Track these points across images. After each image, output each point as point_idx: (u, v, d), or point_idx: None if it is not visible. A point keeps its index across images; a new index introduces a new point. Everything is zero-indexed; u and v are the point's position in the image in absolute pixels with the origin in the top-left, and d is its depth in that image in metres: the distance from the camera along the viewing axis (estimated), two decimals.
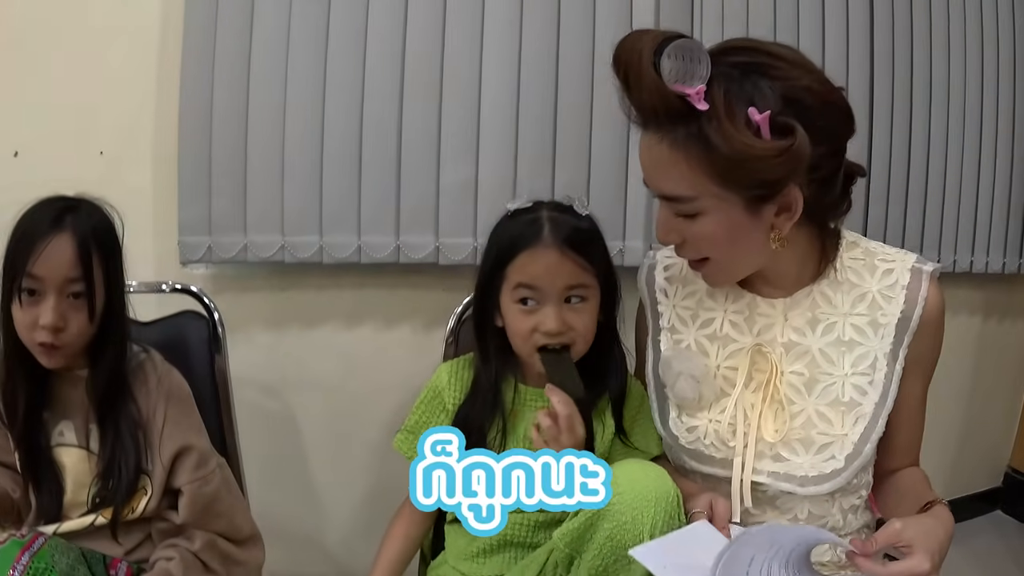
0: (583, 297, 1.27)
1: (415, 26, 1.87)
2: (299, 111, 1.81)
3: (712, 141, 1.05)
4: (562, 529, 1.14)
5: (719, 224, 1.13)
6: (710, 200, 1.11)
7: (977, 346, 2.99)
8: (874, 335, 1.23)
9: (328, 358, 2.02)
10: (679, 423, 1.30)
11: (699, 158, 1.07)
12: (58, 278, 1.17)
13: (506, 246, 1.28)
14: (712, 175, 1.08)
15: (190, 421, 1.33)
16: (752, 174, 1.07)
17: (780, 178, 1.08)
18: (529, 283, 1.25)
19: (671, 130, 1.08)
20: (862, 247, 1.28)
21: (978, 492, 3.15)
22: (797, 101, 1.07)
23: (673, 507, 1.09)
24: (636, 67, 1.05)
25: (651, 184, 1.17)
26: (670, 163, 1.10)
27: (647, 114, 1.10)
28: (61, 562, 1.09)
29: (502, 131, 1.96)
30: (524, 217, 1.29)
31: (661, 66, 1.03)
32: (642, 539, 1.06)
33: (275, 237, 1.83)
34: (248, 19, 1.76)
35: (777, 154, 1.04)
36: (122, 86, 1.77)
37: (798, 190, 1.10)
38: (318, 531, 2.11)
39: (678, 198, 1.13)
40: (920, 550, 1.00)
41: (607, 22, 2.02)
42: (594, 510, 1.08)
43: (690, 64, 1.04)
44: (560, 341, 1.26)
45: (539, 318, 1.25)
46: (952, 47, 2.59)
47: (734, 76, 1.07)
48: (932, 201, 2.61)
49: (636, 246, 2.07)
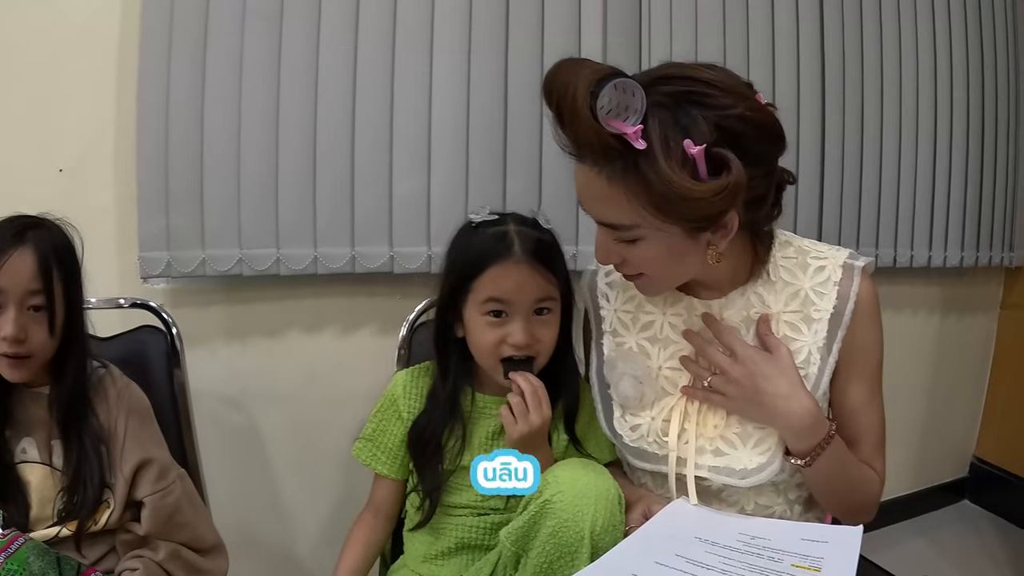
0: (550, 309, 1.30)
1: (366, 40, 1.89)
2: (253, 127, 1.83)
3: (650, 178, 1.05)
4: (508, 528, 1.16)
5: (659, 248, 1.15)
6: (648, 227, 1.12)
7: (938, 340, 3.05)
8: (807, 330, 1.25)
9: (289, 368, 2.03)
10: (623, 422, 1.32)
11: (637, 192, 1.07)
12: (19, 290, 1.19)
13: (474, 260, 1.28)
14: (651, 207, 1.08)
15: (150, 434, 1.34)
16: (691, 212, 1.08)
17: (719, 212, 1.09)
18: (500, 297, 1.26)
19: (608, 164, 1.08)
20: (795, 246, 1.30)
21: (945, 483, 3.21)
22: (731, 130, 1.07)
23: (613, 504, 1.11)
24: (571, 105, 1.02)
25: (590, 212, 1.18)
26: (609, 196, 1.10)
27: (582, 149, 1.09)
28: (35, 565, 1.10)
29: (453, 141, 1.98)
30: (490, 230, 1.30)
31: (597, 105, 1.01)
32: (583, 536, 1.08)
33: (232, 251, 1.85)
34: (202, 38, 1.77)
35: (716, 193, 1.04)
36: (81, 104, 1.78)
37: (734, 212, 1.12)
38: (286, 540, 2.12)
39: (618, 226, 1.14)
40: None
41: (555, 32, 2.04)
42: (538, 509, 1.11)
43: (625, 101, 1.03)
44: (526, 353, 1.28)
45: (507, 330, 1.27)
46: (903, 43, 2.63)
47: (668, 106, 1.06)
48: (887, 198, 2.64)
49: (589, 251, 2.02)
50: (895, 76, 2.63)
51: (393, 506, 1.44)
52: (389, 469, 1.39)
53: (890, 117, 2.63)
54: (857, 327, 1.26)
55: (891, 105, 2.63)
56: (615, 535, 1.11)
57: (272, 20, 1.82)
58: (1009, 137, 2.96)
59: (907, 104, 2.67)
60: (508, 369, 1.28)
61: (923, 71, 2.69)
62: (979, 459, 3.27)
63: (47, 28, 1.74)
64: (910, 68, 2.66)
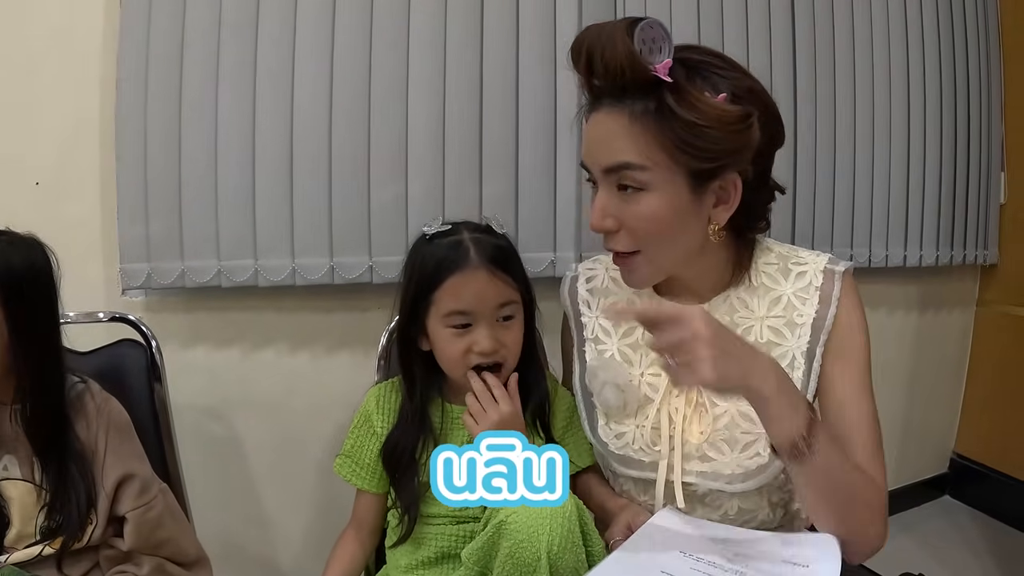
0: (512, 314, 1.29)
1: (342, 49, 1.90)
2: (230, 137, 1.83)
3: (674, 111, 1.09)
4: (469, 548, 1.16)
5: (661, 202, 1.15)
6: (659, 173, 1.13)
7: (916, 338, 3.08)
8: (791, 335, 1.25)
9: (269, 379, 2.03)
10: (608, 430, 1.32)
11: (655, 131, 1.11)
12: None
13: (431, 271, 1.27)
14: (666, 146, 1.11)
15: (131, 448, 1.34)
16: (707, 141, 1.10)
17: (732, 149, 1.12)
18: (462, 308, 1.26)
19: (631, 103, 1.12)
20: (776, 251, 1.31)
21: (925, 479, 3.24)
22: (743, 98, 1.13)
23: (571, 522, 1.10)
24: (608, 44, 1.08)
25: (599, 155, 1.18)
26: (626, 133, 1.13)
27: (610, 87, 1.13)
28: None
29: (429, 148, 1.98)
30: (445, 241, 1.29)
31: (635, 38, 1.07)
32: (539, 555, 1.06)
33: (211, 262, 1.85)
34: (179, 49, 1.78)
35: (737, 119, 1.10)
36: (57, 117, 1.78)
37: (738, 178, 1.15)
38: (269, 550, 2.12)
39: (628, 164, 1.14)
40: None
41: (530, 38, 2.06)
42: (495, 530, 1.10)
43: (658, 41, 1.09)
44: (494, 360, 1.28)
45: (473, 338, 1.26)
46: (876, 39, 2.66)
47: (691, 65, 1.13)
48: (861, 197, 2.65)
49: (567, 256, 2.10)
50: (867, 73, 2.65)
51: (375, 520, 1.43)
52: (369, 484, 1.39)
53: (863, 115, 2.65)
54: (840, 330, 1.25)
55: (864, 103, 2.65)
56: (575, 551, 1.10)
57: (248, 31, 1.83)
58: (982, 136, 2.98)
59: (880, 102, 2.69)
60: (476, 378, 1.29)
61: (895, 68, 2.71)
62: (959, 455, 3.30)
63: (23, 40, 1.74)
64: (882, 64, 2.68)
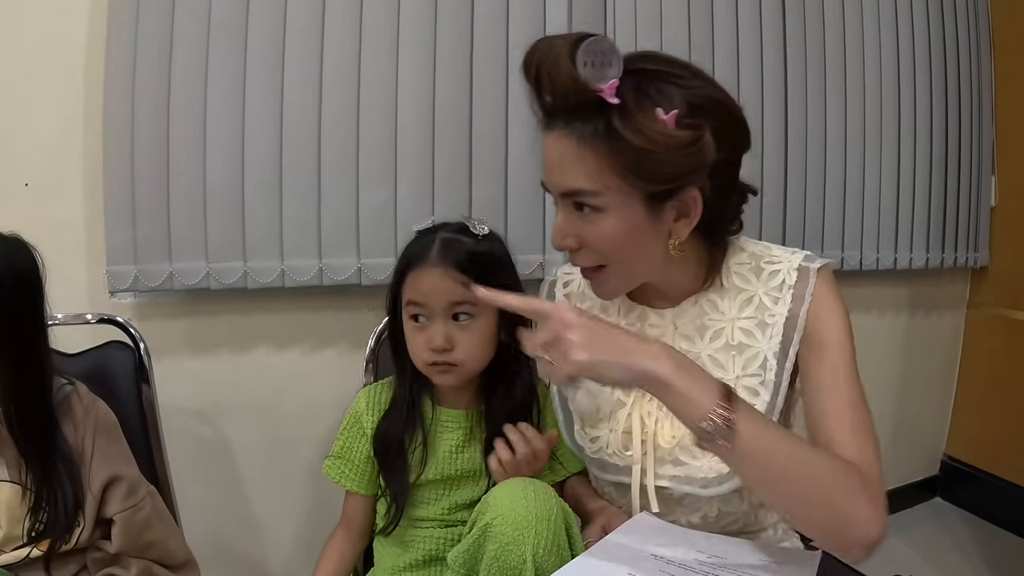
0: (469, 315, 1.30)
1: (330, 51, 1.90)
2: (219, 139, 1.83)
3: (621, 135, 1.06)
4: (455, 551, 1.17)
5: (619, 223, 1.13)
6: (613, 196, 1.11)
7: (907, 340, 3.08)
8: (762, 336, 1.23)
9: (258, 381, 2.03)
10: (583, 434, 1.32)
11: (606, 154, 1.08)
12: None
13: (401, 264, 1.34)
14: (617, 169, 1.09)
15: (118, 451, 1.34)
16: (658, 166, 1.08)
17: (685, 172, 1.09)
18: (417, 300, 1.29)
19: (580, 126, 1.09)
20: (748, 251, 1.29)
21: (917, 481, 3.25)
22: (701, 107, 1.09)
23: (557, 525, 1.10)
24: (552, 63, 1.06)
25: (554, 179, 1.17)
26: (576, 157, 1.11)
27: (558, 107, 1.11)
28: None
29: (419, 151, 1.98)
30: (422, 238, 1.33)
31: (578, 59, 1.05)
32: (525, 559, 1.07)
33: (199, 264, 1.85)
34: (167, 51, 1.78)
35: (686, 144, 1.06)
36: (46, 118, 1.77)
37: (698, 193, 1.12)
38: (258, 553, 2.11)
39: (581, 191, 1.12)
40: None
41: (520, 40, 2.05)
42: (480, 533, 1.11)
43: (604, 59, 1.06)
44: (445, 359, 1.29)
45: (428, 334, 1.29)
46: (867, 42, 2.66)
47: (643, 78, 1.09)
48: (851, 200, 2.66)
49: (556, 259, 2.09)
50: (858, 76, 2.65)
51: (365, 521, 1.44)
52: (358, 485, 1.40)
53: (854, 118, 2.65)
54: (815, 324, 1.20)
55: (855, 106, 2.65)
56: (560, 555, 1.10)
57: (236, 33, 1.83)
58: (973, 138, 2.98)
59: (871, 105, 2.69)
60: (435, 372, 1.32)
61: (886, 71, 2.72)
62: (949, 457, 3.30)
63: (11, 42, 1.74)
64: (873, 67, 2.69)
